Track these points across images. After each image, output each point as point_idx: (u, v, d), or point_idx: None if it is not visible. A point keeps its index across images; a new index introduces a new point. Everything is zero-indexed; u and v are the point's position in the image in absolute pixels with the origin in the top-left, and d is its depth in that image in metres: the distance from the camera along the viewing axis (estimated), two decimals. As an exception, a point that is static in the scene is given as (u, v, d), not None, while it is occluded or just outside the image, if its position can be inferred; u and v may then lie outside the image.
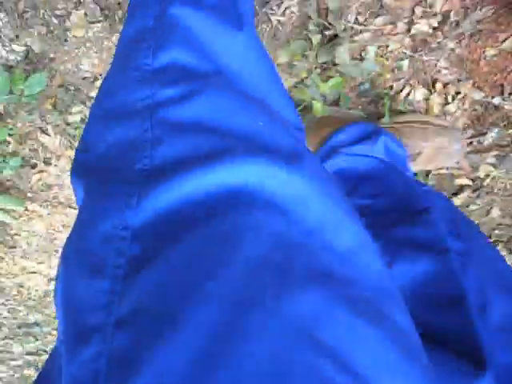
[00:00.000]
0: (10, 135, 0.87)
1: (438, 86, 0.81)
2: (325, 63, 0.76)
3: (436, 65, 0.80)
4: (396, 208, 0.53)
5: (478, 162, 0.92)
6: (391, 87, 0.82)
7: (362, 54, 0.77)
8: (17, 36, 0.77)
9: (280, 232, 0.25)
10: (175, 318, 0.21)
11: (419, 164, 0.77)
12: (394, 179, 0.59)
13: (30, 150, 0.92)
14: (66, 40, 0.78)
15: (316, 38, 0.73)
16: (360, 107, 0.83)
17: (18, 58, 0.79)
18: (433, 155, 0.76)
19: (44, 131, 0.89)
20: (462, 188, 0.94)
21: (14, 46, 0.77)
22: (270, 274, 0.23)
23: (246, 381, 0.18)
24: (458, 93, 0.81)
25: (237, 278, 0.22)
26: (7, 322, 1.42)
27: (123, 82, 0.34)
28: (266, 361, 0.19)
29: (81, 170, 0.31)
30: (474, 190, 0.95)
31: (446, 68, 0.80)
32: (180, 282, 0.23)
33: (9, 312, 1.40)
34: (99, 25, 0.75)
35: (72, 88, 0.82)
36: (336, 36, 0.74)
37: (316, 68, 0.76)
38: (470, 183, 0.94)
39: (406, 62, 0.78)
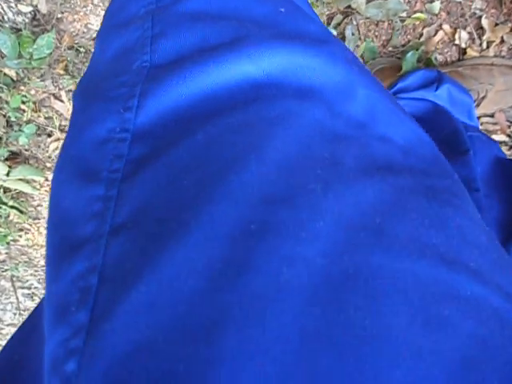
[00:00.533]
0: (23, 103, 0.86)
1: (473, 30, 0.74)
2: (348, 7, 0.70)
3: (471, 7, 0.72)
4: (440, 147, 0.53)
5: (515, 116, 0.85)
6: (421, 35, 0.75)
7: (388, -3, 0.70)
8: (22, -4, 0.74)
9: (322, 123, 0.22)
10: (185, 220, 0.18)
11: (485, 107, 0.74)
12: (443, 122, 0.59)
13: (45, 117, 0.90)
14: (72, -2, 0.74)
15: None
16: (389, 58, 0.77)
17: (26, 20, 0.76)
18: (499, 96, 0.73)
19: (57, 97, 0.87)
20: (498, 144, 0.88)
21: (21, 7, 0.74)
22: (310, 170, 0.19)
23: (291, 293, 0.15)
24: (494, 37, 0.74)
25: (266, 173, 0.19)
26: (38, 292, 1.46)
27: None
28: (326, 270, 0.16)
29: (78, 91, 0.27)
30: (511, 147, 0.88)
31: (481, 10, 0.72)
32: (191, 179, 0.19)
33: (39, 282, 1.43)
34: (105, -22, 0.71)
35: (82, 50, 0.79)
36: (359, -22, 0.68)
37: (337, 14, 0.71)
38: (507, 139, 0.87)
39: (437, 4, 0.71)
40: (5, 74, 0.81)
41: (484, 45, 0.75)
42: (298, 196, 0.18)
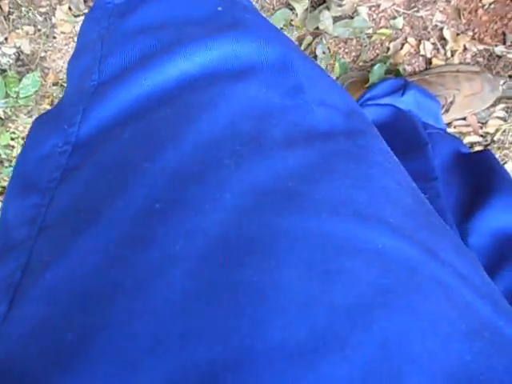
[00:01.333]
0: (12, 139, 0.88)
1: (437, 41, 0.78)
2: (317, 28, 0.74)
3: (432, 20, 0.77)
4: (400, 146, 0.56)
5: (485, 117, 0.89)
6: (388, 49, 0.79)
7: (353, 15, 0.75)
8: (6, 39, 0.77)
9: (254, 99, 0.23)
10: (97, 209, 0.19)
11: (454, 113, 0.77)
12: (403, 123, 0.62)
13: (34, 152, 0.93)
14: (54, 37, 0.77)
15: (303, 5, 0.71)
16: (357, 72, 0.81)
17: (10, 61, 0.79)
18: (466, 101, 0.76)
19: (45, 132, 0.90)
20: (471, 146, 0.92)
21: (5, 49, 0.77)
22: (228, 147, 0.20)
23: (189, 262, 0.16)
24: (457, 46, 0.78)
25: (181, 155, 0.20)
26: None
27: (86, 25, 0.33)
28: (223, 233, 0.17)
29: (36, 119, 0.30)
30: (485, 147, 0.92)
31: (442, 22, 0.77)
32: (110, 173, 0.21)
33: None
34: (84, 17, 0.74)
35: (66, 85, 0.82)
36: (324, 1, 0.72)
37: (307, 35, 0.74)
38: (480, 139, 0.91)
39: (400, 20, 0.75)
40: (-7, 114, 0.84)
41: (448, 53, 0.79)
42: (209, 172, 0.19)
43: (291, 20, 0.74)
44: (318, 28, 0.74)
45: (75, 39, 0.78)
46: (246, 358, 0.14)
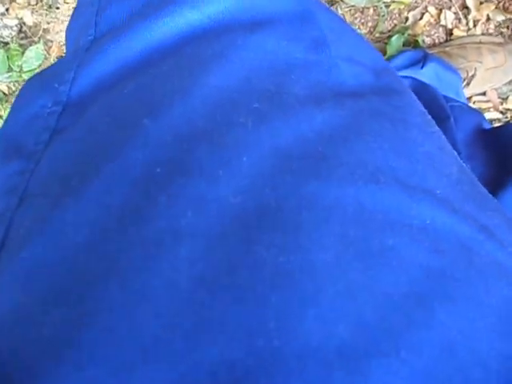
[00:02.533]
0: (17, 115, 0.86)
1: (458, 10, 0.74)
2: (331, -1, 0.70)
3: (454, -13, 0.72)
4: None
5: (507, 93, 0.85)
6: (407, 19, 0.75)
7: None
8: (7, 9, 0.74)
9: (273, 53, 0.20)
10: (86, 174, 0.16)
11: (474, 87, 0.74)
12: (424, 95, 0.58)
13: (39, 128, 0.91)
14: (57, 8, 0.74)
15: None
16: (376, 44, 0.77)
17: (12, 33, 0.76)
18: (488, 75, 0.73)
19: (50, 108, 0.88)
20: (491, 122, 0.88)
21: (6, 21, 0.75)
22: (244, 104, 0.17)
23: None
24: (480, 16, 0.74)
25: (188, 111, 0.17)
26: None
27: None
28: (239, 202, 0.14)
29: (27, 81, 0.27)
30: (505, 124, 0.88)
31: (465, -11, 0.72)
32: (103, 133, 0.17)
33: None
34: (88, -14, 0.71)
35: (71, 58, 0.80)
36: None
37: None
38: (500, 116, 0.88)
39: (420, -13, 0.71)
40: (-4, 89, 0.82)
41: (471, 24, 0.75)
42: (222, 132, 0.16)
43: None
44: (333, -4, 0.71)
45: (79, 10, 0.74)
46: (274, 362, 0.11)
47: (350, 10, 0.74)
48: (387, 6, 0.74)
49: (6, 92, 0.84)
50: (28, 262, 0.15)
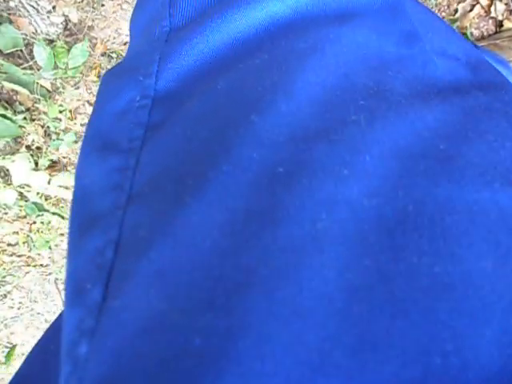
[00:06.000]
0: (60, 112, 0.87)
1: (510, 1, 0.72)
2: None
3: (507, -23, 0.70)
4: None
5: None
6: (456, 11, 0.73)
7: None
8: (53, 7, 0.74)
9: (365, 47, 0.19)
10: (202, 173, 0.15)
11: None
12: None
13: (81, 124, 0.92)
14: (102, 5, 0.75)
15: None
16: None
17: (58, 31, 0.77)
18: None
19: (92, 104, 0.88)
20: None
21: (53, 18, 0.75)
22: (350, 102, 0.16)
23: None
24: (534, 7, 0.71)
25: (295, 108, 0.16)
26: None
27: None
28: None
29: (106, 74, 0.26)
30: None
31: (519, -21, 0.70)
32: (207, 130, 0.17)
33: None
34: (134, -18, 0.71)
35: (114, 55, 0.80)
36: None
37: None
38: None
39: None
40: (41, 86, 0.83)
41: (522, 15, 0.73)
42: (337, 130, 0.15)
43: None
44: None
45: (123, 7, 0.75)
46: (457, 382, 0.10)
47: (397, 3, 0.73)
48: (436, -2, 0.72)
49: (50, 89, 0.85)
50: (157, 264, 0.14)
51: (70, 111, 0.89)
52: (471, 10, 0.72)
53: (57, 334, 0.24)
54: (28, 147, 0.92)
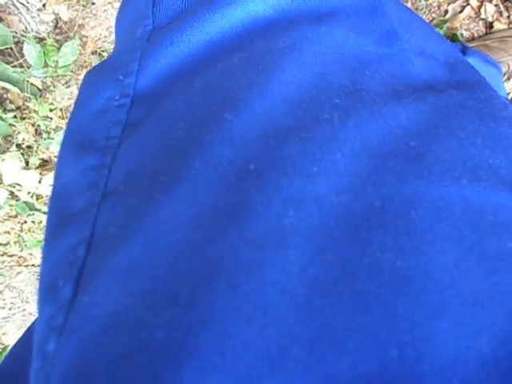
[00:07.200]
0: (50, 110, 0.87)
1: (500, 2, 0.72)
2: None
3: (497, -21, 0.70)
4: None
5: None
6: (446, 12, 0.73)
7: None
8: (44, 5, 0.74)
9: (343, 46, 0.19)
10: (175, 169, 0.16)
11: None
12: None
13: (72, 123, 0.92)
14: (92, 3, 0.74)
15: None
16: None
17: (48, 29, 0.76)
18: None
19: (83, 103, 0.88)
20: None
21: (43, 16, 0.75)
22: (325, 101, 0.17)
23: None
24: (524, 8, 0.72)
25: (269, 106, 0.16)
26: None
27: None
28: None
29: (87, 73, 0.26)
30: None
31: (508, -19, 0.70)
32: (182, 128, 0.17)
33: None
34: (124, -19, 0.71)
35: (105, 54, 0.80)
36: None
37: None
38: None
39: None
40: (31, 84, 0.82)
41: (512, 17, 0.73)
42: (310, 128, 0.16)
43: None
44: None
45: (114, 5, 0.74)
46: (411, 376, 0.11)
47: (387, 4, 0.73)
48: (426, 0, 0.72)
49: (41, 87, 0.85)
50: (126, 261, 0.14)
51: (61, 110, 0.89)
52: (461, 12, 0.73)
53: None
54: (19, 146, 0.91)
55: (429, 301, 0.12)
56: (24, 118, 0.87)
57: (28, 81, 0.81)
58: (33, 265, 1.26)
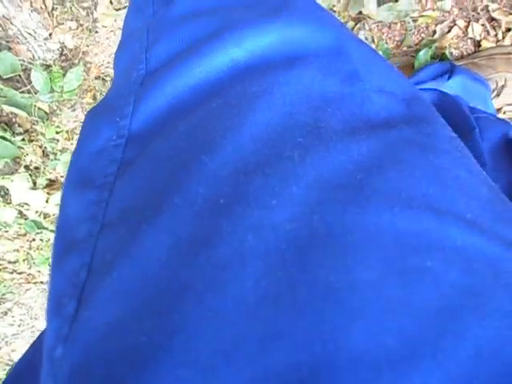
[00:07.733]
0: (57, 133, 0.91)
1: (487, 22, 0.74)
2: (360, 13, 0.72)
3: (482, 0, 0.73)
4: None
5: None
6: (434, 32, 0.76)
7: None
8: (50, 34, 0.78)
9: (310, 87, 0.22)
10: (158, 204, 0.19)
11: (505, 97, 0.73)
12: (449, 108, 0.59)
13: (77, 144, 0.95)
14: (96, 32, 0.78)
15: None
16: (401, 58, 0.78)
17: (54, 56, 0.80)
18: None
19: (88, 125, 0.92)
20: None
21: (49, 45, 0.79)
22: (289, 139, 0.19)
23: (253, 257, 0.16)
24: (509, 28, 0.74)
25: (240, 147, 0.19)
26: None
27: (130, 14, 0.33)
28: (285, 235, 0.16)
29: (90, 111, 0.29)
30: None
31: (493, 1, 0.73)
32: (165, 168, 0.20)
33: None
34: (125, 10, 0.75)
35: (108, 78, 0.83)
36: (368, -15, 0.70)
37: (349, 21, 0.72)
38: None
39: (448, 1, 0.72)
40: (39, 108, 0.86)
41: (500, 35, 0.75)
42: (272, 165, 0.18)
43: (333, 6, 0.72)
44: (360, 13, 0.72)
45: (116, 33, 0.78)
46: (331, 363, 0.13)
47: (377, 26, 0.75)
48: (414, 21, 0.75)
49: (47, 111, 0.89)
50: (117, 282, 0.17)
51: (67, 132, 0.92)
52: (449, 31, 0.75)
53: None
54: (26, 167, 0.95)
55: (351, 306, 0.14)
56: (32, 141, 0.91)
57: (35, 105, 0.85)
58: (41, 282, 1.28)
